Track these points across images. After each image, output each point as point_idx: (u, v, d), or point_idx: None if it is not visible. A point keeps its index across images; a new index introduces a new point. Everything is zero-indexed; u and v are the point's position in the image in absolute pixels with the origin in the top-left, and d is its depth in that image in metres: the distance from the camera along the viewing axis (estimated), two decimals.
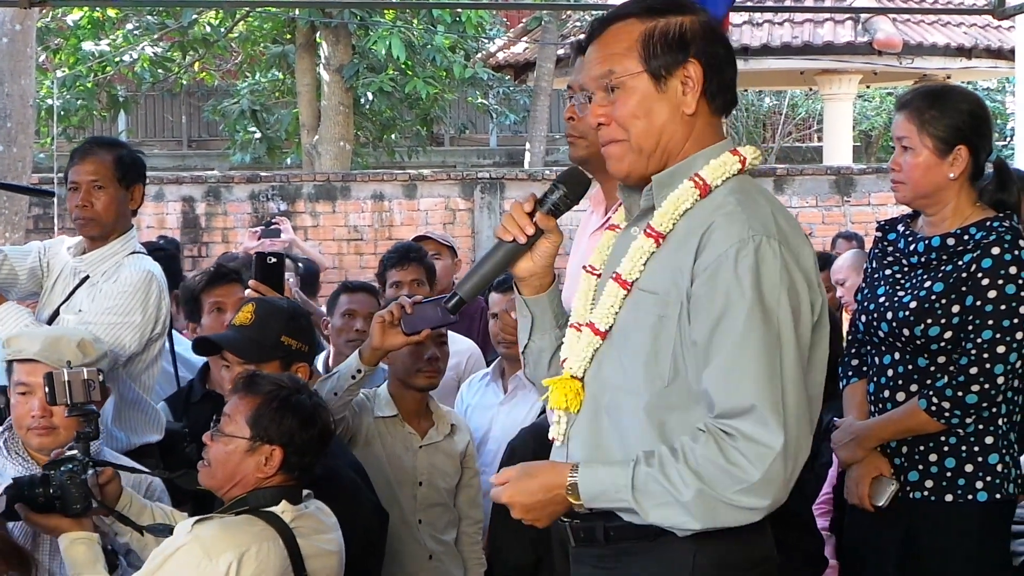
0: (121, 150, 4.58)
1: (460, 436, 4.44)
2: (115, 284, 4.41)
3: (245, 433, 3.25)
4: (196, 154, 22.04)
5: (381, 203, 12.25)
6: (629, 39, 2.58)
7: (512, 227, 2.66)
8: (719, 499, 2.40)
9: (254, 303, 3.88)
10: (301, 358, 3.75)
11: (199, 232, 11.66)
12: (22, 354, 3.73)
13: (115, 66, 16.70)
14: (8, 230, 9.95)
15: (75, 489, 3.30)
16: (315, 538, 3.28)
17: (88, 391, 3.50)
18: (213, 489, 3.33)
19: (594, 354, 2.62)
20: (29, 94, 10.36)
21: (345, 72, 15.40)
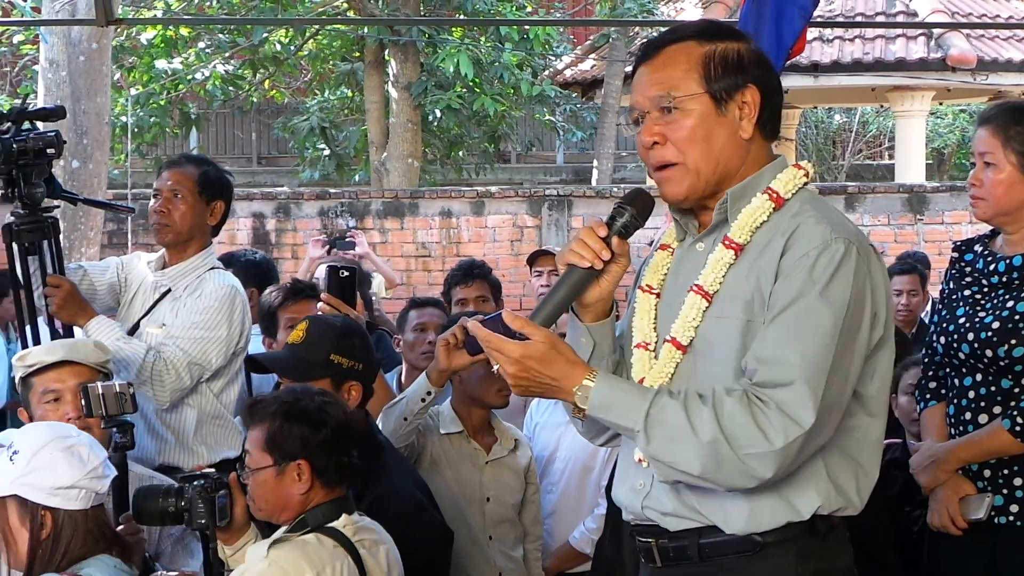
0: (208, 167, 4.65)
1: (523, 452, 4.45)
2: (199, 299, 4.47)
3: (267, 461, 3.27)
4: (266, 171, 22.24)
5: (449, 220, 12.28)
6: (689, 61, 2.58)
7: (587, 252, 2.61)
8: (731, 455, 2.40)
9: (308, 321, 3.90)
10: (354, 376, 3.74)
11: (269, 248, 11.74)
12: (47, 360, 3.81)
13: (187, 84, 16.89)
14: (84, 245, 10.07)
15: (203, 505, 3.34)
16: (374, 550, 3.31)
17: (121, 403, 3.60)
18: (266, 519, 3.36)
19: (675, 368, 2.60)
20: (105, 111, 10.50)
21: (413, 89, 15.47)
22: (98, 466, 3.22)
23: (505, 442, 4.39)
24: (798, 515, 2.50)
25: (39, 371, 3.82)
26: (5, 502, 3.16)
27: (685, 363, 2.60)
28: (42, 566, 3.13)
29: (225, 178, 4.71)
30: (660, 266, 2.76)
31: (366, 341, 3.84)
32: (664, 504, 2.62)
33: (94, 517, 3.21)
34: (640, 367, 2.67)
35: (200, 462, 4.40)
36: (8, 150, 4.02)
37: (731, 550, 2.53)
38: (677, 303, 2.64)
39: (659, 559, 2.64)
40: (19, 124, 4.12)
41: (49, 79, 10.19)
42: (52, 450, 3.17)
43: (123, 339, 4.38)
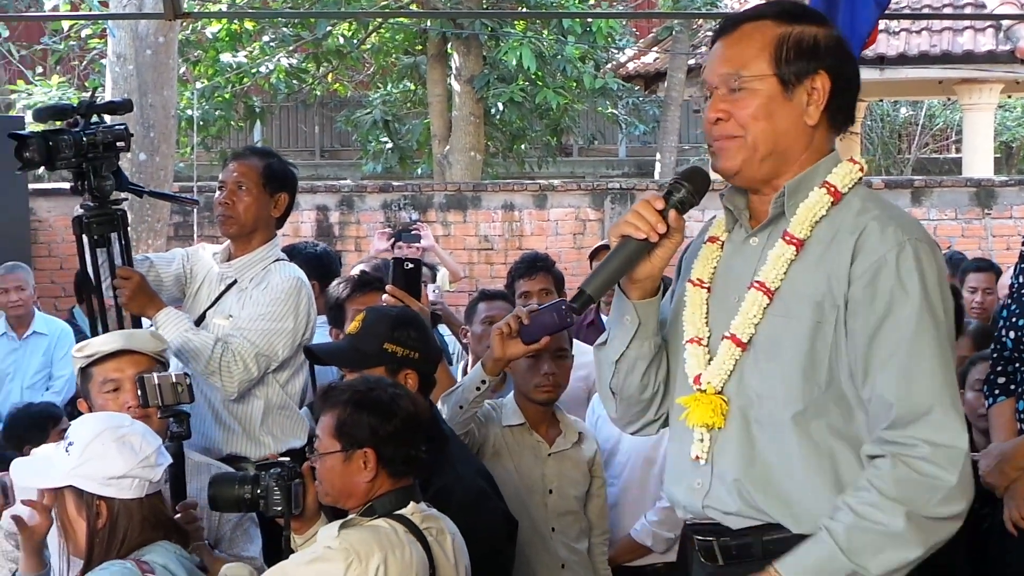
0: (272, 159, 4.69)
1: (587, 445, 4.44)
2: (266, 291, 4.50)
3: (335, 447, 3.30)
4: (328, 164, 22.35)
5: (511, 213, 12.29)
6: (762, 41, 2.55)
7: (643, 224, 2.57)
8: (927, 516, 2.36)
9: (365, 311, 3.91)
10: (410, 365, 3.75)
11: (333, 241, 11.80)
12: (105, 349, 3.85)
13: (252, 77, 17.01)
14: (150, 237, 10.18)
15: (280, 493, 3.38)
16: (441, 539, 3.34)
17: (177, 393, 3.63)
18: (332, 504, 3.39)
19: (735, 365, 2.58)
20: (171, 105, 10.60)
21: (476, 83, 15.50)
22: (151, 455, 3.25)
23: (569, 435, 4.39)
24: None
25: (98, 361, 3.85)
26: (63, 493, 3.21)
27: (745, 361, 2.57)
28: (100, 554, 3.17)
29: (289, 171, 4.74)
30: (710, 259, 2.71)
31: (423, 331, 3.84)
32: (727, 504, 2.59)
33: (150, 505, 3.24)
34: (695, 363, 2.64)
35: (266, 452, 4.44)
36: (79, 143, 4.06)
37: (793, 547, 2.49)
38: (731, 299, 2.61)
39: (721, 557, 2.62)
40: (88, 118, 4.16)
41: (116, 73, 10.29)
42: (104, 440, 3.21)
43: (191, 330, 4.42)
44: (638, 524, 4.74)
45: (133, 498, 3.21)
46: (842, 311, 2.46)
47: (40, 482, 3.25)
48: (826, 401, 2.48)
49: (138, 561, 3.14)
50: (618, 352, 2.75)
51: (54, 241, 11.31)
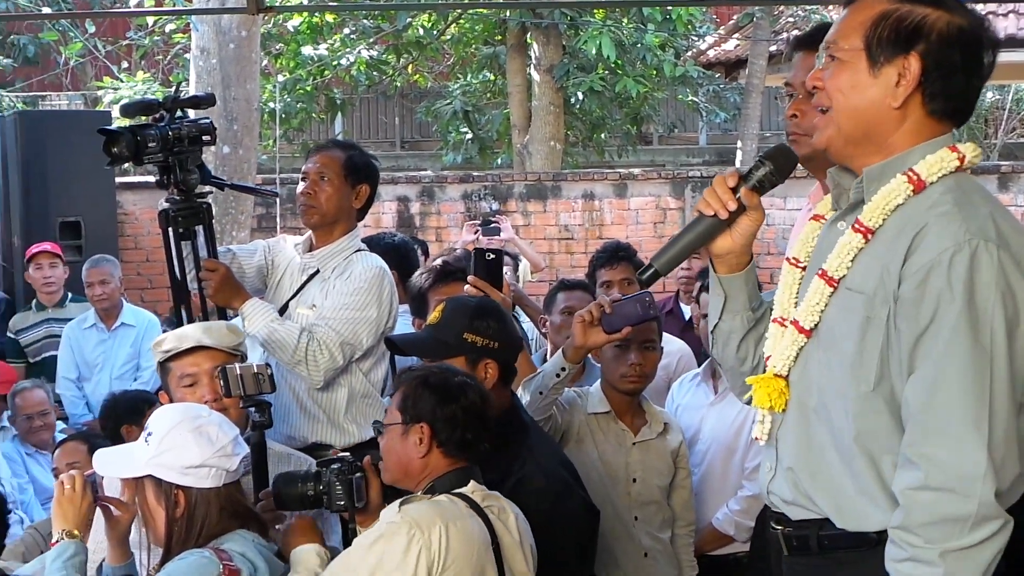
0: (353, 151, 4.73)
1: (673, 435, 4.44)
2: (348, 281, 4.55)
3: (397, 419, 3.38)
4: (409, 155, 22.44)
5: (592, 202, 12.26)
6: (866, 15, 2.52)
7: (714, 201, 2.60)
8: (962, 548, 2.30)
9: (446, 301, 3.94)
10: (489, 355, 3.76)
11: (413, 231, 11.84)
12: (183, 345, 3.89)
13: (333, 70, 17.12)
14: (235, 229, 10.30)
15: (341, 487, 3.43)
16: (503, 516, 3.38)
17: (259, 383, 3.67)
18: (393, 483, 3.45)
19: (799, 352, 2.56)
20: (254, 98, 10.70)
21: (556, 72, 15.48)
22: (227, 445, 3.29)
23: (655, 425, 4.39)
24: None
25: (175, 356, 3.90)
26: (142, 482, 3.27)
27: (808, 349, 2.55)
28: (179, 543, 3.22)
29: (371, 162, 4.78)
30: (809, 238, 2.70)
31: (503, 321, 3.85)
32: (784, 492, 2.60)
33: (228, 494, 3.29)
34: (771, 343, 2.64)
35: (351, 440, 4.49)
36: (165, 138, 4.12)
37: (848, 544, 2.49)
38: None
39: (785, 547, 2.62)
40: (173, 113, 4.22)
41: (200, 67, 10.41)
42: (181, 430, 3.26)
43: (277, 320, 4.47)
44: (719, 513, 4.73)
45: (211, 487, 3.25)
46: (893, 309, 2.40)
47: (121, 472, 3.32)
48: (875, 400, 2.44)
49: (216, 550, 3.19)
50: (712, 323, 2.82)
51: (140, 234, 11.47)
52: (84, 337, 7.90)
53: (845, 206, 2.61)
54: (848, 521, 2.48)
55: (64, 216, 9.72)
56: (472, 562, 3.23)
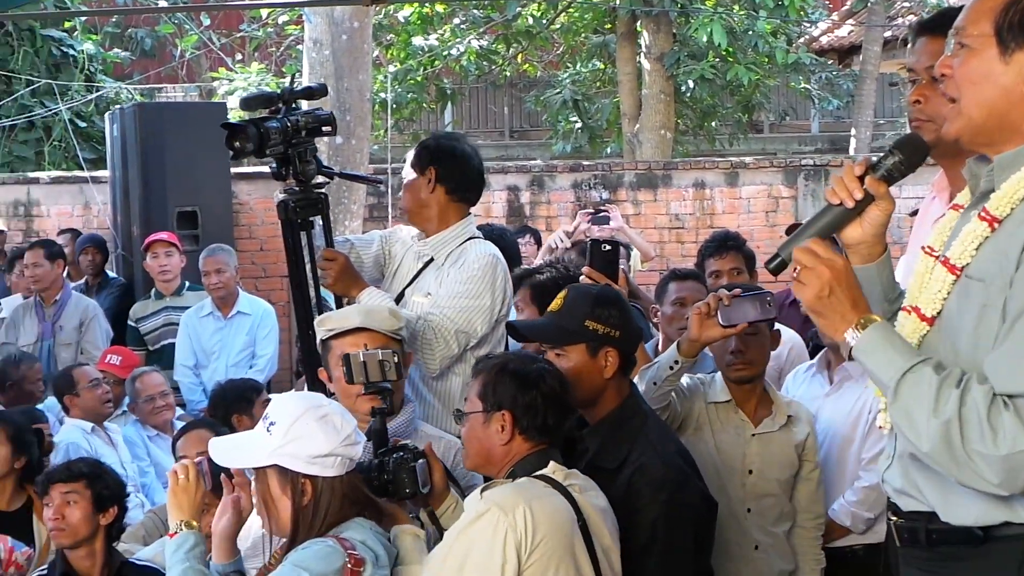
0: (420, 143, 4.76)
1: (799, 427, 4.37)
2: (462, 269, 4.56)
3: (478, 407, 3.42)
4: (518, 144, 22.47)
5: (702, 191, 12.17)
6: (996, 0, 2.46)
7: (841, 190, 2.58)
8: (959, 444, 2.30)
9: (567, 289, 3.95)
10: (610, 343, 3.75)
11: (523, 220, 11.83)
12: (344, 328, 3.96)
13: (443, 60, 17.22)
14: (347, 218, 10.39)
15: (405, 475, 3.47)
16: (587, 495, 3.40)
17: (383, 370, 3.69)
18: (475, 469, 3.52)
19: (921, 340, 2.52)
20: (366, 88, 10.78)
21: (666, 60, 15.40)
22: (351, 434, 3.34)
23: (778, 417, 4.34)
24: (1018, 516, 2.38)
25: (337, 336, 3.99)
26: (266, 472, 3.30)
27: (930, 337, 2.52)
28: (304, 531, 3.26)
29: (436, 143, 4.77)
30: (946, 228, 2.65)
31: (624, 309, 3.85)
32: (896, 480, 2.57)
33: (349, 482, 3.33)
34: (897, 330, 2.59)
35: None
36: (285, 130, 4.17)
37: (955, 539, 2.45)
38: None
39: (897, 538, 2.59)
40: (289, 104, 4.26)
41: (313, 58, 10.51)
42: (308, 420, 3.29)
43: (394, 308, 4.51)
44: (836, 504, 4.68)
45: (335, 476, 3.30)
46: (1008, 294, 2.35)
47: (244, 462, 3.36)
48: None
49: (339, 538, 3.23)
50: None
51: (254, 223, 11.62)
52: (201, 325, 8.05)
53: (978, 194, 2.57)
54: (951, 515, 2.45)
55: (181, 206, 9.88)
56: (561, 538, 3.26)
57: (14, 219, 11.82)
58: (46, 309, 8.13)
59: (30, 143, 14.90)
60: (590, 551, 3.34)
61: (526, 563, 3.22)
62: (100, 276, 9.65)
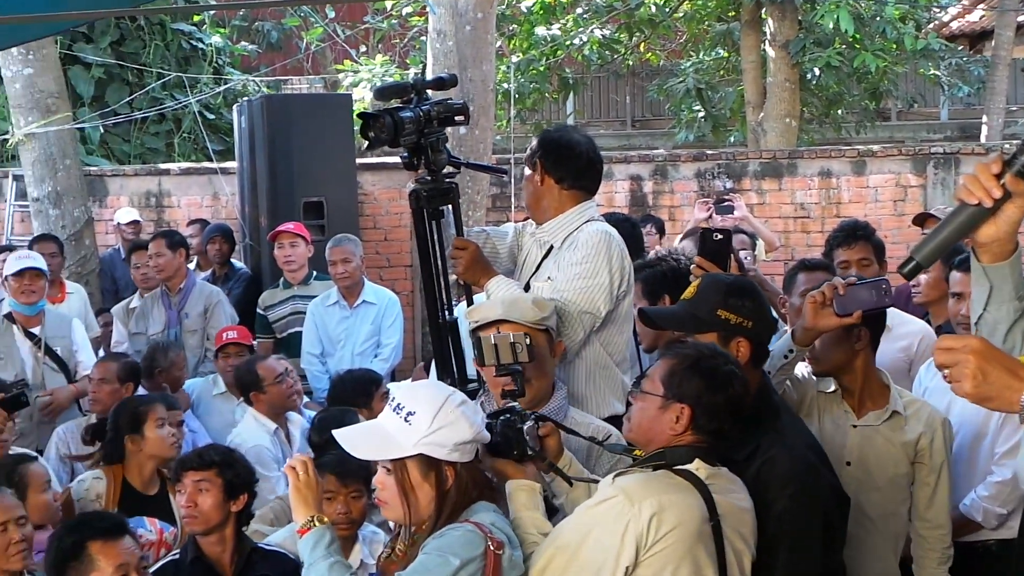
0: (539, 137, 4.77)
1: (911, 426, 4.26)
2: (575, 250, 4.56)
3: (659, 391, 3.40)
4: (640, 133, 22.38)
5: (828, 180, 12.00)
6: None
7: (977, 189, 2.54)
8: None
9: (703, 277, 3.94)
10: (742, 333, 3.74)
11: (646, 210, 11.79)
12: (488, 319, 4.02)
13: (565, 49, 17.20)
14: (470, 209, 10.43)
15: (512, 436, 3.51)
16: (729, 496, 3.37)
17: (515, 353, 3.74)
18: (631, 441, 3.51)
19: None
20: (489, 79, 10.81)
21: (791, 48, 15.21)
22: (482, 420, 3.40)
23: (886, 411, 4.25)
24: None
25: (482, 327, 4.04)
26: (405, 462, 3.34)
27: None
28: (446, 517, 3.31)
29: (543, 136, 4.78)
30: None
31: (757, 300, 3.82)
32: None
33: (474, 466, 3.40)
34: None
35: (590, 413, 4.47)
36: (418, 120, 4.19)
37: None
38: None
39: None
40: (421, 94, 4.29)
41: (437, 49, 10.57)
42: (450, 408, 3.34)
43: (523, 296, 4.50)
44: (967, 498, 4.60)
45: (469, 461, 3.36)
46: None
47: (387, 453, 3.37)
48: None
49: (475, 523, 3.28)
50: (976, 314, 2.76)
51: (379, 214, 11.73)
52: (327, 314, 8.14)
53: None
54: None
55: (307, 196, 10.01)
56: (686, 537, 3.25)
57: (146, 209, 12.10)
58: (171, 298, 8.28)
59: (161, 135, 15.20)
60: (720, 552, 3.31)
61: (643, 556, 3.24)
62: (227, 266, 9.82)
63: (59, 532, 4.09)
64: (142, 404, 5.72)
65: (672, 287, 4.45)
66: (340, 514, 4.51)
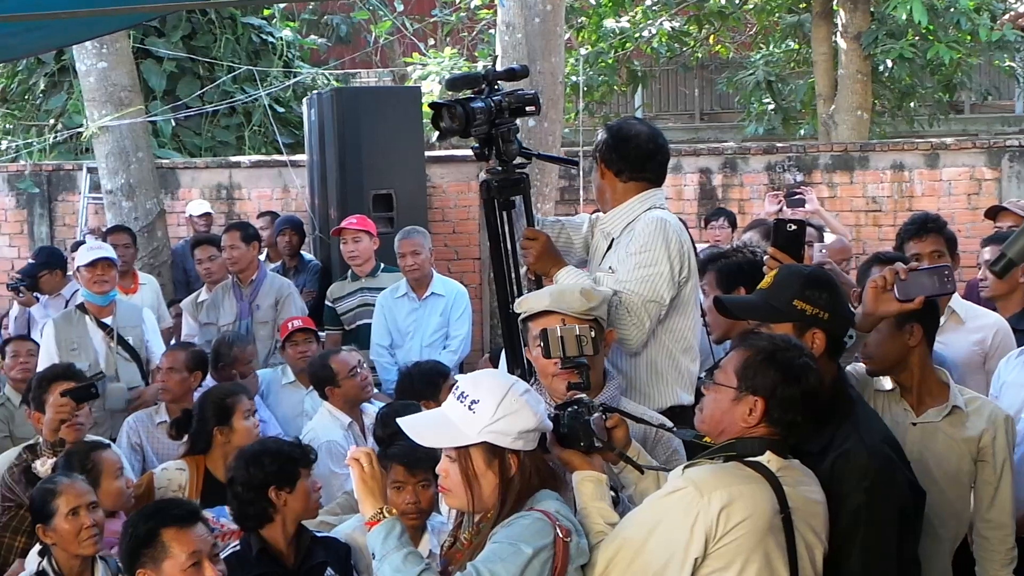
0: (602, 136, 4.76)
1: (973, 423, 4.18)
2: (633, 239, 4.54)
3: (732, 383, 3.37)
4: (708, 127, 22.27)
5: (901, 173, 11.87)
6: None
7: None
8: None
9: (780, 267, 3.92)
10: (818, 324, 3.70)
11: (715, 203, 11.74)
12: (533, 309, 4.03)
13: (634, 42, 17.15)
14: (539, 201, 10.40)
15: (579, 428, 3.50)
16: (800, 488, 3.34)
17: (580, 345, 3.73)
18: (704, 432, 3.48)
19: None
20: (559, 71, 10.78)
21: (863, 39, 15.04)
22: (545, 409, 3.41)
23: (946, 408, 4.17)
24: None
25: (531, 317, 4.05)
26: (468, 450, 3.35)
27: None
28: (510, 505, 3.32)
29: (603, 129, 4.78)
30: None
31: (835, 292, 3.78)
32: None
33: (538, 455, 3.40)
34: None
35: (652, 405, 4.45)
36: (489, 109, 4.18)
37: None
38: None
39: None
40: (492, 84, 4.28)
41: (506, 41, 10.55)
42: (514, 397, 3.35)
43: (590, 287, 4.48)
44: None
45: (531, 450, 3.36)
46: None
47: (453, 441, 3.38)
48: None
49: (543, 511, 3.28)
50: None
51: (447, 206, 11.75)
52: (397, 306, 8.16)
53: None
54: None
55: (376, 189, 10.05)
56: (756, 530, 3.23)
57: (216, 202, 12.21)
58: (243, 289, 8.34)
59: (231, 128, 15.32)
60: (791, 545, 3.28)
61: (712, 548, 3.23)
62: (297, 258, 9.89)
63: (133, 519, 4.12)
64: (228, 396, 5.77)
65: (747, 279, 4.41)
66: (409, 503, 4.52)
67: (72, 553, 4.58)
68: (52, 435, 5.43)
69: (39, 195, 12.71)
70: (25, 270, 9.06)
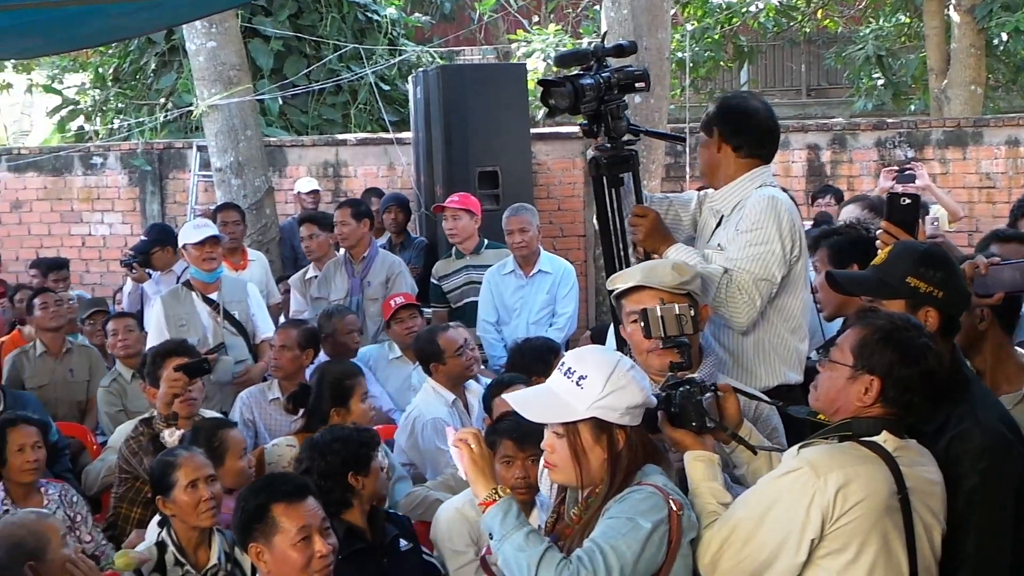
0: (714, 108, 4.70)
1: None
2: (744, 218, 4.49)
3: (848, 361, 3.33)
4: (815, 102, 21.97)
5: (1016, 149, 11.62)
6: None
7: None
8: None
9: (895, 244, 3.85)
10: (931, 303, 3.63)
11: (824, 179, 11.59)
12: (627, 283, 4.01)
13: (741, 17, 16.98)
14: (645, 178, 10.34)
15: (691, 408, 3.49)
16: (917, 468, 3.30)
17: (680, 325, 3.72)
18: (821, 412, 3.43)
19: None
20: (665, 47, 10.71)
21: (977, 12, 14.74)
22: (650, 385, 3.42)
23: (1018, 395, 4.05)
24: None
25: (624, 294, 4.04)
26: (578, 425, 3.36)
27: None
28: (619, 480, 3.33)
29: (721, 103, 4.71)
30: None
31: (950, 270, 3.70)
32: None
33: (643, 431, 3.42)
34: None
35: (758, 384, 4.40)
36: (598, 86, 4.16)
37: None
38: None
39: None
40: (601, 61, 4.25)
41: (611, 17, 10.49)
42: (621, 372, 3.36)
43: (700, 264, 4.44)
44: None
45: (637, 425, 3.37)
46: None
47: (561, 416, 3.39)
48: None
49: (654, 485, 3.28)
50: None
51: (552, 183, 11.74)
52: (503, 283, 8.17)
53: None
54: None
55: (482, 166, 10.06)
56: (873, 510, 3.20)
57: (323, 179, 12.32)
58: (355, 266, 8.40)
59: (337, 106, 15.44)
60: (909, 526, 3.23)
61: (829, 529, 3.20)
62: (403, 235, 9.93)
63: (244, 494, 4.18)
64: (347, 378, 5.82)
65: (860, 255, 4.33)
66: (519, 478, 4.54)
67: (190, 524, 4.67)
68: (166, 408, 5.54)
69: (151, 173, 12.94)
70: (138, 247, 9.21)
